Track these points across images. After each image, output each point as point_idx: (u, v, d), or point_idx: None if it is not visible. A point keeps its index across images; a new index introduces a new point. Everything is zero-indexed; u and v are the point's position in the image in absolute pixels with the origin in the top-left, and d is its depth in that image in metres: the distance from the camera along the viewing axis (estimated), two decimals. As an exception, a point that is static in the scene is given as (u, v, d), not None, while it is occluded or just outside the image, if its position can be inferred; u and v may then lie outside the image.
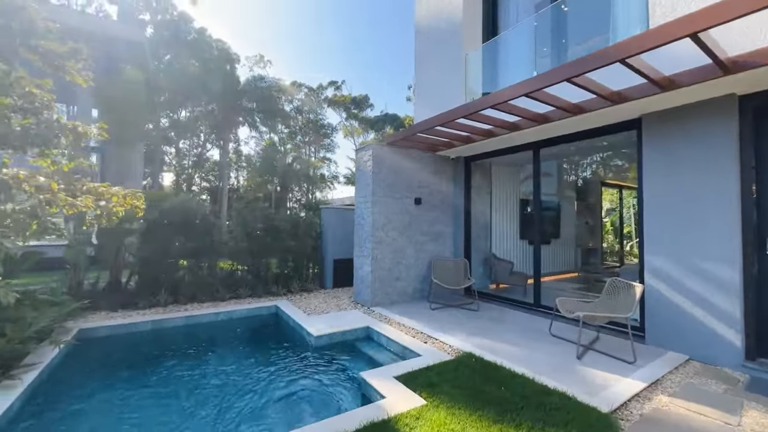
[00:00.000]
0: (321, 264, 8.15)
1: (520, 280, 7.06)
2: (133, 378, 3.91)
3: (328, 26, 49.60)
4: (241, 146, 28.88)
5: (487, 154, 6.84)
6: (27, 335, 3.43)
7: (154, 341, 4.95)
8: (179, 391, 3.59)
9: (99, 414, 3.19)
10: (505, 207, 8.24)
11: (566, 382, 3.36)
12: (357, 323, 5.24)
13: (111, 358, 4.44)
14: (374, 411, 2.82)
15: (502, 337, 4.66)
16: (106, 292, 6.09)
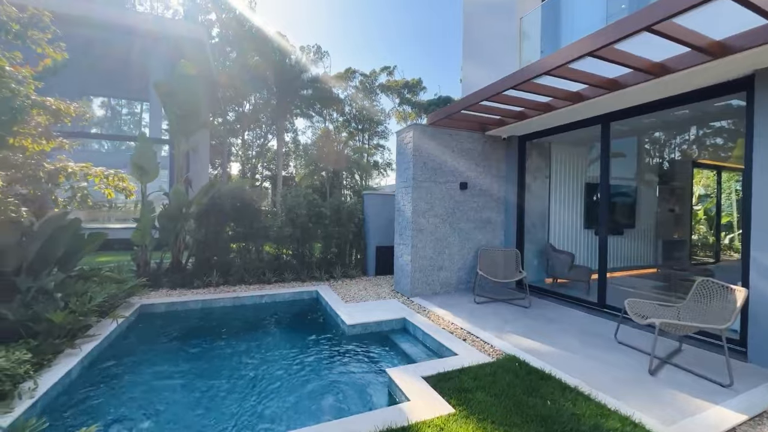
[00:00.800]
0: (364, 251, 8.05)
1: (582, 275, 6.21)
2: (181, 350, 4.19)
3: (381, 10, 48.81)
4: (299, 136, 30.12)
5: (545, 131, 6.02)
6: (88, 309, 3.79)
7: (203, 319, 5.25)
8: (217, 366, 3.76)
9: (147, 380, 3.43)
10: (568, 192, 7.28)
11: (632, 402, 2.77)
12: (393, 314, 5.01)
13: (165, 332, 4.78)
14: (393, 415, 2.56)
15: (555, 340, 4.07)
16: (168, 271, 6.64)
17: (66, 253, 4.24)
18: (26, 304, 3.55)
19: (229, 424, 2.79)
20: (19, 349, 2.92)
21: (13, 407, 2.53)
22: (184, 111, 6.78)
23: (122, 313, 4.58)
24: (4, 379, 2.59)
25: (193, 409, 3.01)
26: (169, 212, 6.45)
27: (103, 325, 4.15)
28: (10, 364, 2.67)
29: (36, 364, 2.97)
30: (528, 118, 5.45)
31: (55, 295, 3.75)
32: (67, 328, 3.51)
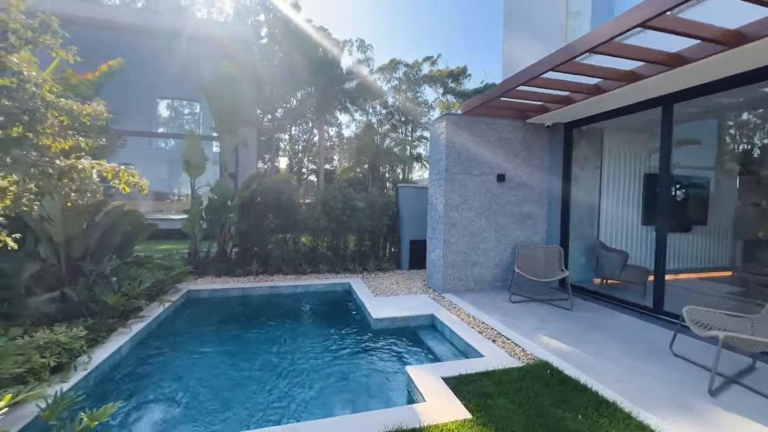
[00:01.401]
0: (398, 244, 7.98)
1: (636, 277, 5.58)
2: (220, 333, 4.51)
3: None
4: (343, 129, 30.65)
5: (595, 117, 5.45)
6: (138, 292, 4.18)
7: (242, 305, 5.57)
8: (250, 349, 4.02)
9: (189, 358, 3.76)
10: (623, 184, 6.55)
11: (683, 426, 2.41)
12: (421, 310, 4.90)
13: (207, 316, 5.15)
14: (406, 415, 2.48)
15: (597, 348, 3.70)
16: (214, 260, 7.13)
17: (122, 241, 4.71)
18: (88, 286, 4.00)
19: (253, 399, 2.98)
20: (78, 326, 3.29)
21: (69, 377, 2.86)
22: (225, 110, 7.15)
23: (170, 297, 4.99)
24: (63, 352, 2.93)
25: (226, 383, 3.27)
26: (214, 205, 6.89)
27: (152, 308, 4.55)
28: (68, 339, 3.01)
29: (91, 341, 3.33)
30: (574, 102, 4.95)
31: (111, 279, 4.18)
32: (120, 309, 3.91)
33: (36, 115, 1.50)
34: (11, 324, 3.20)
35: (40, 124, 1.56)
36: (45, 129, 1.60)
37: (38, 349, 2.79)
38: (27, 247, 3.92)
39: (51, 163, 1.55)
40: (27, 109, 1.45)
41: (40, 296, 3.62)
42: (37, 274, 3.80)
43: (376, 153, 21.50)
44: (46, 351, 2.82)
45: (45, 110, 1.58)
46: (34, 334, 2.97)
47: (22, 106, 1.43)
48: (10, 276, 3.37)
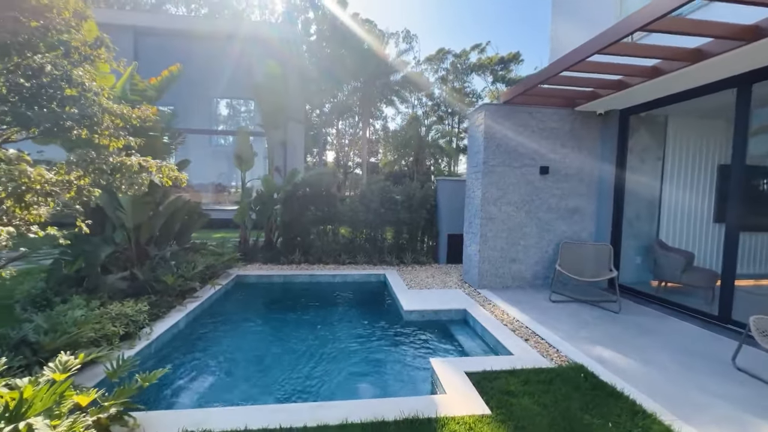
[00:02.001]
0: (436, 238, 7.93)
1: (701, 280, 4.99)
2: (263, 314, 4.98)
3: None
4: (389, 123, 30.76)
5: (655, 102, 4.91)
6: (192, 275, 4.67)
7: (284, 291, 5.97)
8: (287, 329, 4.40)
9: (236, 331, 4.27)
10: (691, 176, 5.83)
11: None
12: (454, 304, 4.86)
13: (254, 299, 5.61)
14: (423, 404, 2.53)
15: (644, 355, 3.41)
16: (262, 248, 7.66)
17: (181, 229, 5.27)
18: (152, 268, 4.56)
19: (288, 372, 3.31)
20: (143, 302, 3.78)
21: (134, 345, 3.31)
22: (271, 107, 7.57)
23: (221, 281, 5.50)
24: (130, 323, 3.40)
25: (266, 358, 3.65)
26: (261, 197, 7.39)
27: (205, 289, 5.05)
28: (134, 312, 3.48)
29: (153, 315, 3.81)
30: (629, 87, 4.51)
31: (170, 262, 4.72)
32: (177, 289, 4.40)
33: (95, 120, 1.78)
34: (92, 297, 3.77)
35: (98, 127, 1.85)
36: (103, 131, 1.89)
37: (111, 319, 3.27)
38: (105, 233, 4.56)
39: (105, 160, 1.83)
40: (86, 115, 1.73)
41: (114, 274, 4.20)
42: (112, 256, 4.42)
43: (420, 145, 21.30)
44: (116, 321, 3.30)
45: (102, 115, 1.86)
46: (109, 306, 3.47)
47: (81, 112, 1.71)
48: (91, 256, 3.96)
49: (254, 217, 7.82)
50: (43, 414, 1.68)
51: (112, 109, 1.92)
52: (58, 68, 1.74)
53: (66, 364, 2.03)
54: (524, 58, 28.07)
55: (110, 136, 1.94)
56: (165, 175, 2.13)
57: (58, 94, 1.70)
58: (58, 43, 1.65)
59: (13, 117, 1.62)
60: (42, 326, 2.61)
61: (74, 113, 1.69)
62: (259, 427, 2.25)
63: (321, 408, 2.47)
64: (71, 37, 1.73)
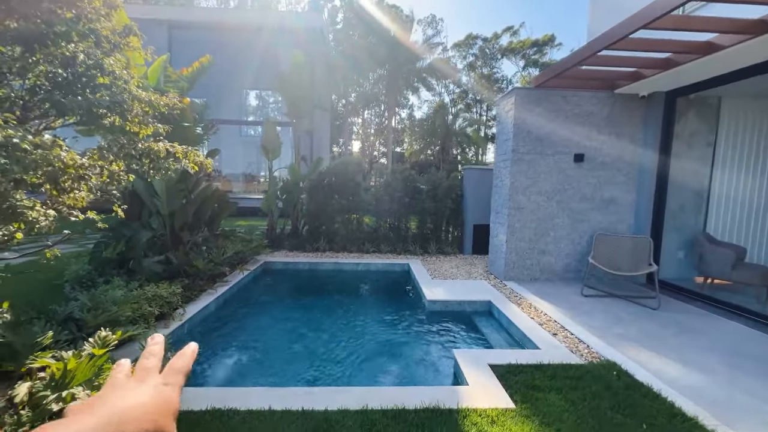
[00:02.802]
0: (461, 228, 7.77)
1: (754, 278, 4.58)
2: (289, 298, 5.14)
3: (510, -40, 43.30)
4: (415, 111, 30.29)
5: (708, 82, 4.47)
6: (221, 260, 4.84)
7: (309, 277, 6.09)
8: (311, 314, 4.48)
9: (262, 313, 4.42)
10: (745, 164, 5.32)
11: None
12: (478, 295, 4.76)
13: (280, 283, 5.77)
14: (445, 395, 2.49)
15: (685, 355, 3.19)
16: (289, 236, 7.84)
17: (211, 216, 5.47)
18: (185, 252, 4.77)
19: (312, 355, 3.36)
20: (176, 284, 3.97)
21: (169, 325, 3.50)
22: (296, 96, 7.62)
23: (249, 266, 5.68)
24: (165, 304, 3.58)
25: (291, 340, 3.77)
26: (288, 186, 7.53)
27: (234, 274, 5.24)
28: (168, 294, 3.67)
29: (185, 297, 4.00)
30: (679, 65, 4.13)
31: (202, 248, 4.92)
32: (208, 274, 4.59)
33: (124, 106, 1.84)
34: (131, 279, 4.00)
35: (129, 114, 1.92)
36: (133, 118, 1.96)
37: (147, 300, 3.46)
38: (143, 219, 4.81)
39: (134, 146, 1.89)
40: (117, 102, 1.79)
41: (150, 258, 4.44)
42: (150, 241, 4.66)
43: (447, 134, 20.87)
44: (152, 302, 3.48)
45: (131, 102, 1.93)
46: (145, 288, 3.67)
47: (112, 99, 1.77)
48: (133, 241, 4.20)
49: (281, 205, 7.99)
50: (84, 384, 1.79)
51: (141, 96, 1.99)
52: (90, 57, 1.82)
53: (105, 340, 2.16)
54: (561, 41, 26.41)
55: (140, 123, 2.01)
56: (191, 160, 2.20)
57: (91, 83, 1.78)
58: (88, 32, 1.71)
59: (50, 105, 1.71)
60: (86, 304, 2.80)
61: (105, 100, 1.77)
62: (282, 408, 2.31)
63: (341, 393, 2.50)
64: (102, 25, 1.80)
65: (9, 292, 3.88)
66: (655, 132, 5.16)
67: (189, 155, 2.16)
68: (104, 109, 1.81)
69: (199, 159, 2.27)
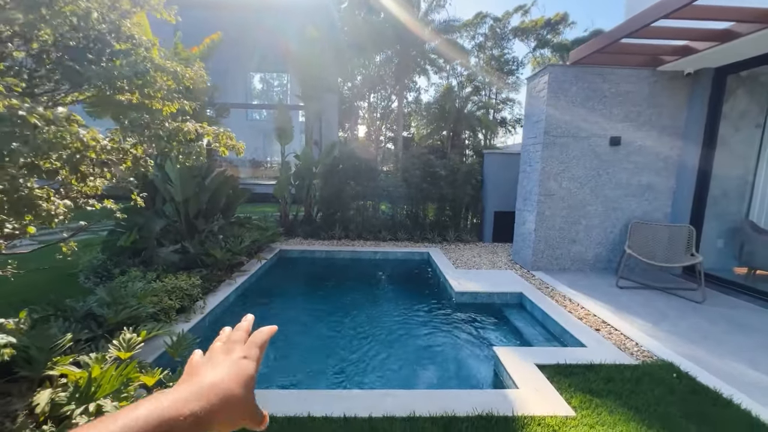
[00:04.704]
0: (481, 215, 7.50)
1: (805, 270, 4.30)
2: (308, 288, 4.98)
3: (522, -66, 41.21)
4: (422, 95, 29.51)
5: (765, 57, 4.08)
6: (239, 249, 4.64)
7: (326, 266, 5.90)
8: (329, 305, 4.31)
9: (283, 305, 4.31)
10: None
11: None
12: (509, 287, 4.54)
13: (298, 273, 5.60)
14: (496, 400, 2.29)
15: (744, 354, 2.96)
16: (302, 223, 7.62)
17: (226, 203, 5.24)
18: (201, 241, 4.57)
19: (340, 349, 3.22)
20: (195, 276, 3.78)
21: (190, 318, 3.32)
22: (310, 75, 7.25)
23: (266, 255, 5.49)
24: (185, 297, 3.40)
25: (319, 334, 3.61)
26: (300, 171, 7.26)
27: (252, 263, 5.05)
28: (188, 286, 3.48)
29: (205, 289, 3.81)
30: (738, 38, 3.74)
31: (218, 236, 4.71)
32: (226, 264, 4.40)
33: (147, 78, 1.59)
34: (148, 269, 3.81)
35: (151, 87, 1.66)
36: (156, 93, 1.70)
37: (167, 292, 3.27)
38: (156, 206, 4.59)
39: (161, 125, 1.65)
40: (139, 72, 1.53)
41: (167, 247, 4.24)
42: (164, 229, 4.45)
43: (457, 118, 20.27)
44: (172, 295, 3.29)
45: (154, 72, 1.67)
46: (164, 280, 3.48)
47: (133, 69, 1.52)
48: (146, 229, 3.99)
49: (293, 191, 7.74)
50: (112, 396, 1.59)
51: (166, 67, 1.72)
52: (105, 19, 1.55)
53: (130, 342, 1.96)
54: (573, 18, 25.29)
55: (163, 99, 1.76)
56: (222, 143, 1.94)
57: (107, 50, 1.52)
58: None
59: (62, 74, 1.45)
60: (105, 299, 2.61)
61: (126, 70, 1.51)
62: (321, 414, 2.13)
63: (386, 397, 2.31)
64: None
65: (23, 284, 3.72)
66: (701, 113, 4.79)
67: (221, 138, 1.90)
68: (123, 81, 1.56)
69: (232, 143, 2.01)
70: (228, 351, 0.44)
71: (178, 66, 1.89)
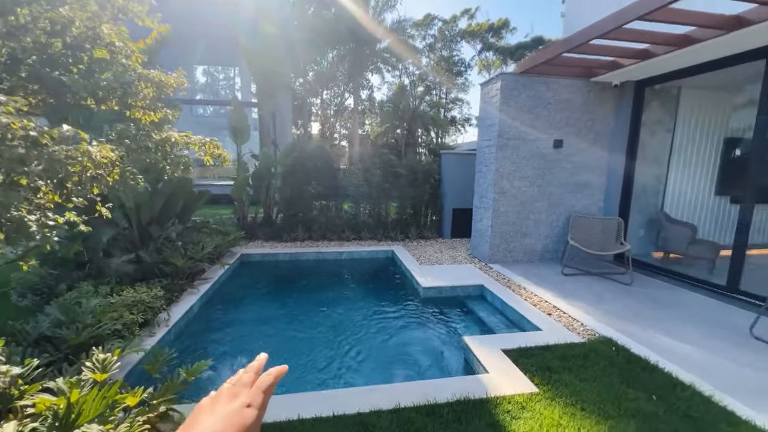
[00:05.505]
0: (440, 212, 7.86)
1: (705, 252, 5.16)
2: (275, 294, 4.83)
3: (466, -60, 43.03)
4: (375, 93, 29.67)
5: (676, 73, 4.81)
6: (201, 256, 4.43)
7: (291, 269, 5.81)
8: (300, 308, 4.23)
9: (251, 311, 4.16)
10: (696, 149, 5.89)
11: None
12: (471, 280, 4.87)
13: (263, 277, 5.45)
14: (471, 385, 2.52)
15: (665, 327, 3.52)
16: (262, 225, 7.40)
17: (182, 207, 4.95)
18: (157, 249, 4.29)
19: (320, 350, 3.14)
20: (155, 287, 3.56)
21: (154, 332, 3.14)
22: (266, 71, 7.05)
23: (227, 260, 5.28)
24: (147, 310, 3.20)
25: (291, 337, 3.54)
26: (259, 172, 7.04)
27: (214, 269, 4.84)
28: (150, 298, 3.28)
29: (168, 299, 3.61)
30: (655, 57, 4.37)
31: (177, 243, 4.45)
32: (187, 272, 4.18)
33: (131, 89, 1.50)
34: (99, 282, 3.51)
35: (133, 98, 1.57)
36: (137, 102, 1.61)
37: (127, 306, 3.06)
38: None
39: (148, 136, 1.57)
40: (125, 82, 1.45)
41: (118, 258, 3.93)
42: (113, 238, 4.11)
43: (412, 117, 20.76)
44: (133, 308, 3.09)
45: (137, 82, 1.58)
46: (122, 293, 3.25)
47: (119, 80, 1.43)
48: (92, 239, 3.66)
49: (251, 192, 7.48)
50: (97, 420, 1.53)
51: (149, 76, 1.63)
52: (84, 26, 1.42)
53: (105, 363, 1.86)
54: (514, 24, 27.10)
55: (143, 108, 1.66)
56: (209, 152, 1.88)
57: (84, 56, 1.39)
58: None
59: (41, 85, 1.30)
60: (60, 319, 2.39)
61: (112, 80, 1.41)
62: (311, 415, 2.19)
63: (371, 392, 2.42)
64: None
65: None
66: (625, 119, 5.51)
67: (207, 147, 1.84)
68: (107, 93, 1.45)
69: (218, 151, 1.95)
70: (233, 396, 0.44)
71: (161, 75, 1.80)
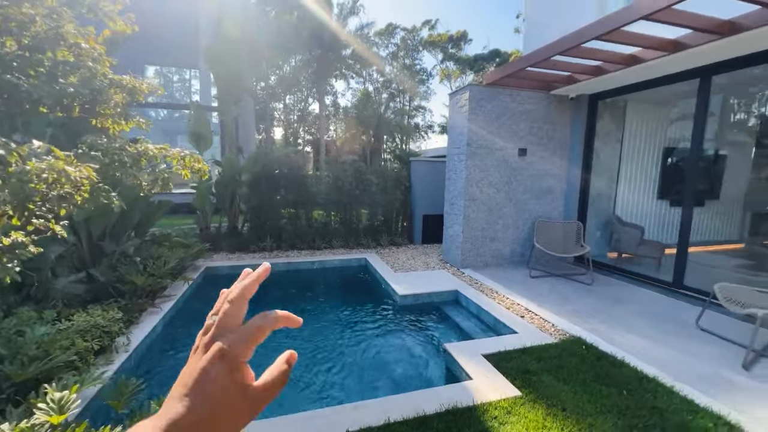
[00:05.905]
0: (410, 219, 7.94)
1: (652, 251, 5.66)
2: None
3: (426, -47, 44.46)
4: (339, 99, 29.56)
5: (624, 88, 5.26)
6: (163, 272, 4.11)
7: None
8: None
9: None
10: (641, 158, 6.47)
11: (724, 400, 2.50)
12: (445, 285, 4.94)
13: (229, 294, 5.13)
14: (457, 393, 2.54)
15: (625, 323, 3.79)
16: (226, 235, 7.03)
17: (140, 220, 4.57)
18: (112, 266, 3.91)
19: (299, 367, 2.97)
20: (112, 308, 3.24)
21: (113, 359, 2.84)
22: (229, 75, 6.77)
23: (191, 275, 4.94)
24: (103, 335, 2.89)
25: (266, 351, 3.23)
26: (223, 179, 6.70)
27: (176, 286, 4.50)
28: (106, 322, 2.97)
29: (126, 321, 3.29)
30: (606, 73, 4.75)
31: (135, 258, 4.09)
32: (147, 290, 3.85)
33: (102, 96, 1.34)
34: (43, 306, 3.13)
35: (102, 105, 1.40)
36: (107, 109, 1.44)
37: (79, 333, 2.74)
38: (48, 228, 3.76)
39: (123, 149, 1.40)
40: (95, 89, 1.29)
41: (66, 277, 3.53)
42: (60, 256, 3.69)
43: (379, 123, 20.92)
44: (87, 334, 2.78)
45: (109, 88, 1.41)
46: (72, 318, 2.91)
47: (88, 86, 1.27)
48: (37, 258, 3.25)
49: (214, 201, 7.10)
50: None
51: (122, 82, 1.46)
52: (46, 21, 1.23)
53: (62, 402, 1.64)
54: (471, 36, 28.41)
55: (113, 116, 1.48)
56: (188, 166, 1.72)
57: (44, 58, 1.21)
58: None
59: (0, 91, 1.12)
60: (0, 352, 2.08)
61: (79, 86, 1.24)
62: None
63: (359, 409, 2.36)
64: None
65: None
66: (580, 129, 5.92)
67: (186, 161, 1.69)
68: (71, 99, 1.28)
69: (199, 165, 1.80)
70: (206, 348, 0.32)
71: (133, 80, 1.63)
